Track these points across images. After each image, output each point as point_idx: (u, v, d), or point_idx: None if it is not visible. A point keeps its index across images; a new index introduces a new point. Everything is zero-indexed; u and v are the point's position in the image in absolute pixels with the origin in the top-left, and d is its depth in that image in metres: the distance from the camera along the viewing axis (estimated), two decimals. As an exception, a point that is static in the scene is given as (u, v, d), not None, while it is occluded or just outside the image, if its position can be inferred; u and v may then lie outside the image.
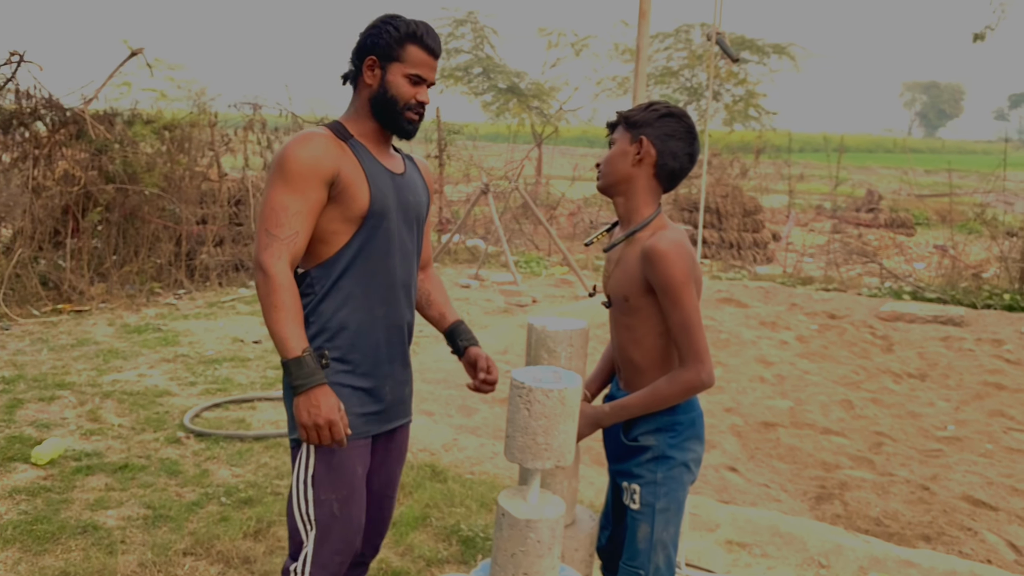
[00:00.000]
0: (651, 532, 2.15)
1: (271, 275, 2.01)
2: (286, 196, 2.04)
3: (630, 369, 2.20)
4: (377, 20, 2.17)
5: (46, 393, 5.26)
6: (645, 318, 2.12)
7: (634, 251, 2.12)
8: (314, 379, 2.01)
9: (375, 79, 2.14)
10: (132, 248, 8.40)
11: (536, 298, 9.14)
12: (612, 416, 2.15)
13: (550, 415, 1.84)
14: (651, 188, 2.16)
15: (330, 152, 2.08)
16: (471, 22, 25.86)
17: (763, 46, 25.81)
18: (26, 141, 7.76)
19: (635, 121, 2.15)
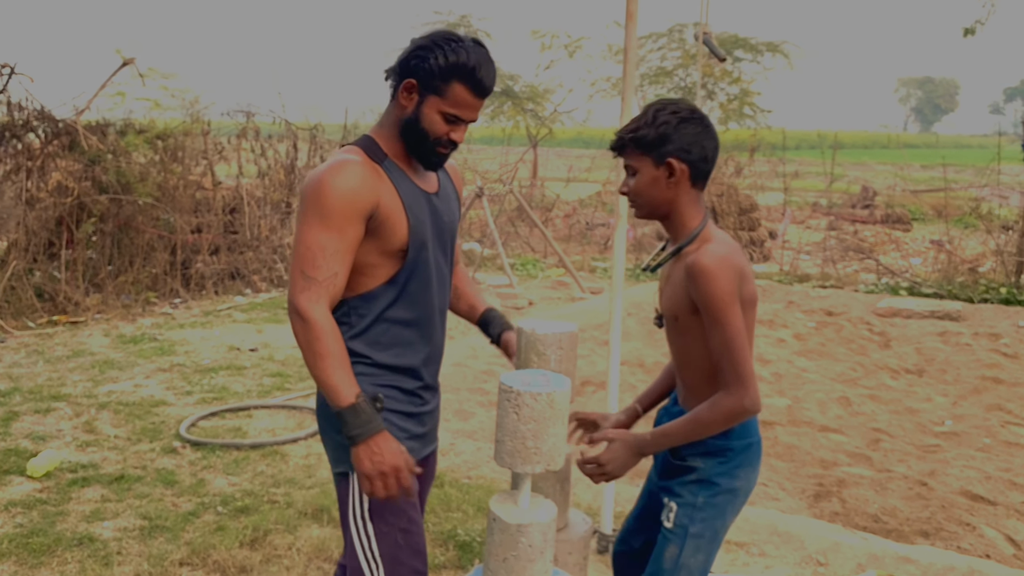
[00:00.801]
0: (679, 555, 2.07)
1: (311, 321, 1.88)
2: (323, 234, 1.89)
3: (684, 387, 2.14)
4: (430, 39, 1.95)
5: (42, 405, 5.25)
6: (695, 338, 2.02)
7: (681, 267, 2.01)
8: (372, 426, 1.89)
9: (410, 104, 1.98)
10: (127, 258, 8.39)
11: (532, 300, 9.13)
12: (653, 444, 2.05)
13: (539, 419, 1.83)
14: (692, 198, 2.04)
15: (367, 183, 1.93)
16: (464, 26, 25.90)
17: (756, 44, 25.83)
18: (19, 153, 7.75)
19: (651, 142, 2.01)
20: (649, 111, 2.03)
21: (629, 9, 3.20)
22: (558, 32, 23.52)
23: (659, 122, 2.00)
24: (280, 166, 10.05)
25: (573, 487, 4.18)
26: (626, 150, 2.06)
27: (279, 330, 7.52)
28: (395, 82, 2.00)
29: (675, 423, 2.03)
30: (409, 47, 1.97)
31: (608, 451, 2.05)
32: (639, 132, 2.02)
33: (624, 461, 2.03)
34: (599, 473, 2.05)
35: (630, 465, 2.04)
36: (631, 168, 2.06)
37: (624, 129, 2.06)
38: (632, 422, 2.39)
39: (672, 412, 2.22)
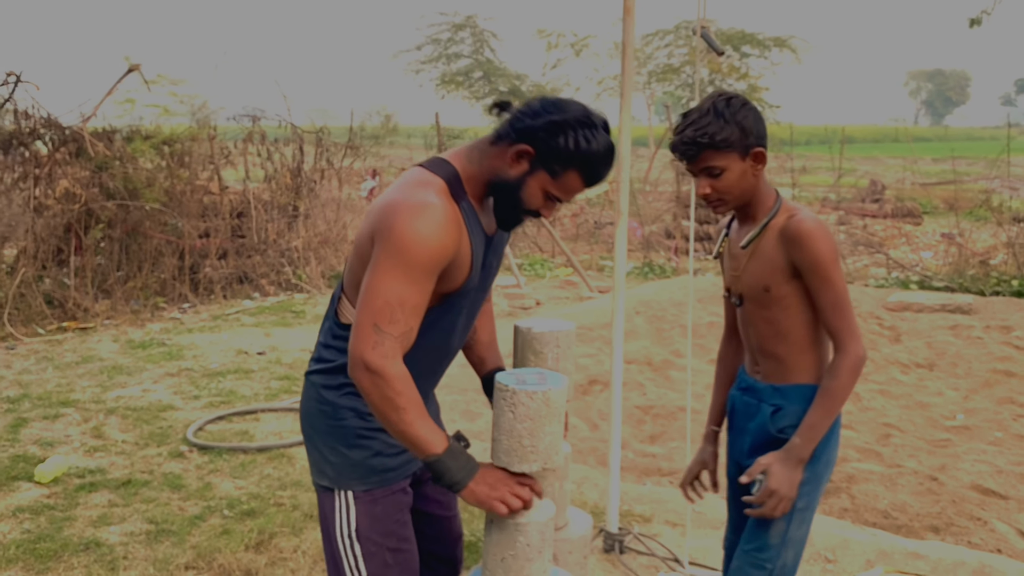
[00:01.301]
0: (786, 529, 2.09)
1: (386, 375, 1.76)
2: (404, 288, 1.77)
3: (773, 362, 2.14)
4: (567, 116, 1.82)
5: (50, 411, 5.27)
6: (789, 306, 2.06)
7: (771, 238, 2.06)
8: (471, 466, 1.83)
9: (516, 169, 1.86)
10: (135, 264, 8.43)
11: (540, 300, 9.12)
12: (805, 444, 2.03)
13: (535, 417, 1.82)
14: (764, 178, 2.11)
15: (451, 235, 1.81)
16: (470, 26, 25.93)
17: (764, 40, 25.80)
18: (26, 161, 7.79)
19: (736, 140, 2.02)
20: (718, 108, 2.01)
21: (627, 4, 3.18)
22: (564, 31, 23.60)
23: (738, 117, 2.01)
24: (286, 169, 10.07)
25: (580, 486, 4.17)
26: (704, 153, 2.03)
27: (287, 333, 7.54)
28: (507, 132, 1.87)
29: (811, 411, 2.03)
30: (540, 110, 1.85)
31: (771, 479, 2.02)
32: (722, 133, 2.00)
33: (790, 478, 2.02)
34: (776, 504, 2.02)
35: (797, 478, 2.03)
36: (715, 169, 2.03)
37: (700, 133, 2.01)
38: (717, 445, 2.44)
39: (750, 388, 2.22)
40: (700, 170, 2.06)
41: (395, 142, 13.15)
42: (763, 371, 2.18)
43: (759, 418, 2.17)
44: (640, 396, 5.92)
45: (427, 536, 2.25)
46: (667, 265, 11.28)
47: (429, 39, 25.48)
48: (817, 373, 2.11)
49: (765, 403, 2.17)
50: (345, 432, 2.01)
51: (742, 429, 2.25)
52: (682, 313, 8.41)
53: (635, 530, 3.63)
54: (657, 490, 4.15)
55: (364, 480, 2.03)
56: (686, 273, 10.78)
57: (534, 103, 1.88)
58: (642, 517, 3.85)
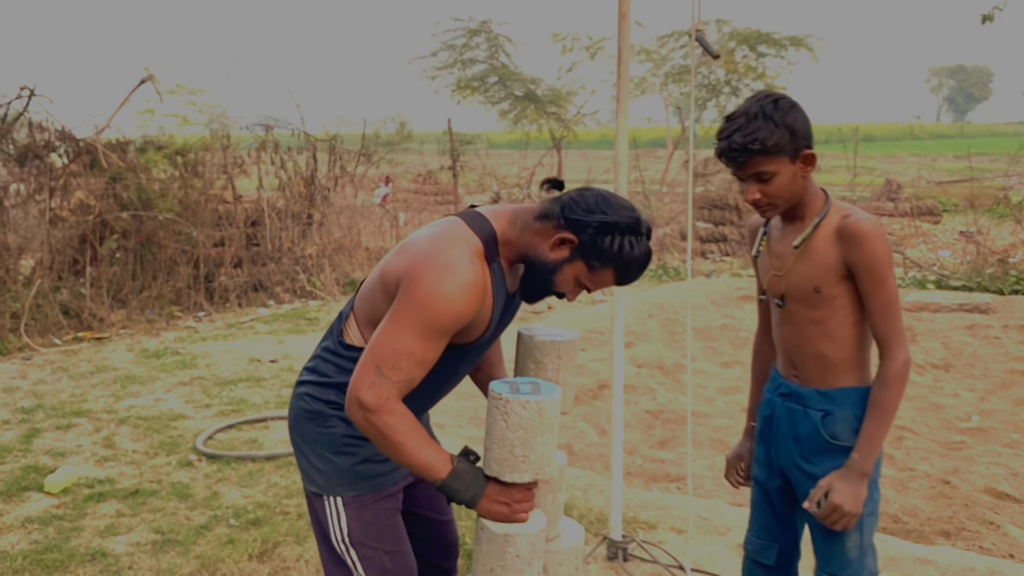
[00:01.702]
0: (861, 538, 2.08)
1: (380, 413, 1.78)
2: (416, 342, 1.79)
3: (817, 365, 2.10)
4: (619, 217, 1.86)
5: (63, 421, 5.32)
6: (838, 307, 2.04)
7: (823, 237, 2.03)
8: (478, 484, 1.85)
9: (556, 254, 1.89)
10: (150, 273, 8.50)
11: (551, 304, 9.10)
12: (865, 458, 2.02)
13: (527, 427, 1.80)
14: (811, 178, 2.08)
15: (476, 299, 1.83)
16: (485, 32, 25.92)
17: (779, 39, 25.60)
18: (41, 173, 7.88)
19: (785, 143, 1.98)
20: (765, 112, 1.97)
21: (621, 9, 3.17)
22: (579, 34, 23.48)
23: (788, 120, 1.97)
24: (300, 178, 10.12)
25: (585, 492, 4.15)
26: (754, 159, 1.99)
27: (300, 341, 7.57)
28: (555, 215, 1.89)
29: (866, 425, 2.02)
30: (593, 206, 1.88)
31: (835, 494, 2.01)
32: (772, 138, 1.96)
33: (855, 493, 2.01)
34: (840, 519, 2.02)
35: (862, 493, 2.01)
36: (764, 174, 2.00)
37: (748, 139, 1.96)
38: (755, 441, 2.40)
39: (792, 393, 2.18)
40: (749, 175, 2.02)
41: (409, 148, 13.19)
42: (802, 375, 2.14)
43: (807, 425, 2.13)
44: (650, 400, 5.88)
45: (419, 539, 2.26)
46: (681, 267, 11.22)
47: (444, 45, 25.49)
48: (862, 375, 2.09)
49: (812, 409, 2.13)
50: (332, 439, 2.03)
51: (788, 436, 2.19)
52: (695, 315, 8.37)
53: (639, 537, 3.60)
54: (663, 496, 4.12)
55: (353, 486, 2.05)
56: (700, 275, 10.71)
57: (588, 196, 1.91)
58: (647, 524, 3.82)
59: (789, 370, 2.19)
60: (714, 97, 26.47)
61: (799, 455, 2.17)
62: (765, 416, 2.29)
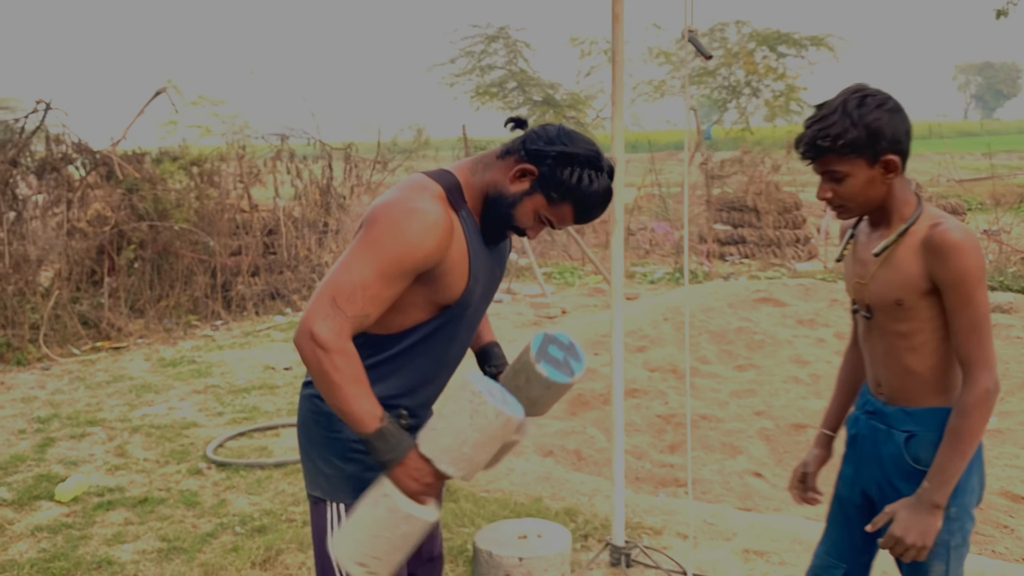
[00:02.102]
0: (947, 570, 1.96)
1: (330, 349, 1.75)
2: (371, 274, 1.77)
3: (903, 379, 1.99)
4: (580, 149, 1.87)
5: (77, 431, 5.38)
6: (925, 320, 1.90)
7: (908, 247, 1.90)
8: (403, 446, 1.79)
9: (517, 186, 1.90)
10: (168, 283, 8.58)
11: (566, 309, 9.07)
12: (936, 489, 1.88)
13: (489, 434, 1.77)
14: (903, 183, 1.94)
15: (442, 241, 1.82)
16: (503, 38, 25.98)
17: (800, 39, 25.41)
18: (59, 185, 7.99)
19: (862, 145, 1.86)
20: (849, 107, 1.86)
21: (615, 11, 3.15)
22: (597, 38, 23.45)
23: (868, 119, 1.84)
24: (316, 186, 10.18)
25: (591, 498, 4.13)
26: (826, 156, 1.90)
27: (314, 348, 7.59)
28: (516, 149, 1.91)
29: (941, 452, 1.88)
30: (555, 137, 1.88)
31: (896, 525, 1.91)
32: (847, 136, 1.85)
33: (921, 525, 1.88)
34: (906, 552, 1.91)
35: (933, 525, 1.88)
36: (837, 173, 1.90)
37: (822, 134, 1.88)
38: (828, 450, 2.33)
39: (877, 411, 2.07)
40: (821, 172, 1.93)
41: (426, 155, 13.23)
42: (888, 392, 2.03)
43: (891, 447, 2.02)
44: (662, 405, 5.84)
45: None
46: (699, 270, 11.15)
47: (462, 52, 25.55)
48: (951, 395, 1.96)
49: (896, 429, 2.01)
50: (340, 444, 2.01)
51: (872, 457, 2.09)
52: (710, 319, 8.31)
53: (643, 543, 3.57)
54: (670, 502, 4.08)
55: (356, 493, 2.02)
56: (718, 278, 10.64)
57: (551, 129, 1.91)
58: (652, 529, 3.79)
59: (876, 386, 2.08)
60: (734, 98, 26.31)
61: (883, 477, 2.06)
62: (851, 435, 2.17)
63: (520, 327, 8.40)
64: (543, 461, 4.79)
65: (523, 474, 4.43)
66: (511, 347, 7.04)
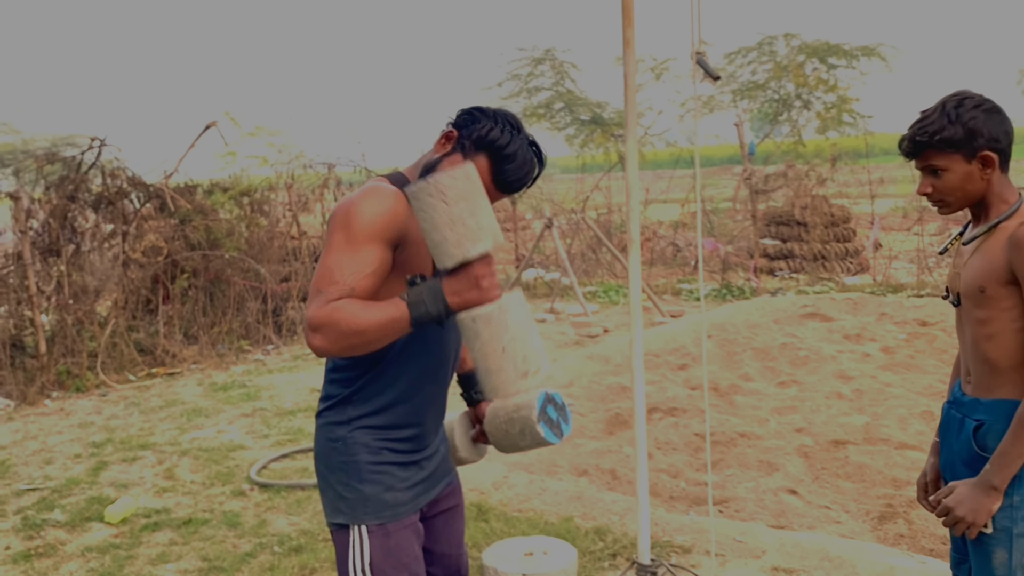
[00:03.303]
0: (1009, 558, 2.00)
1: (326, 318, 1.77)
2: (341, 255, 1.84)
3: (984, 369, 2.06)
4: (496, 112, 2.01)
5: (129, 454, 5.58)
6: (1003, 309, 1.99)
7: (999, 239, 2.00)
8: (436, 293, 1.76)
9: (441, 150, 2.01)
10: (220, 310, 8.85)
11: (608, 328, 9.08)
12: (996, 471, 1.96)
13: (468, 196, 1.70)
14: (1004, 180, 2.04)
15: (398, 209, 1.89)
16: (550, 59, 26.19)
17: (850, 50, 25.07)
18: (115, 218, 8.32)
19: (961, 139, 1.99)
20: (947, 107, 2.00)
21: (625, 36, 3.21)
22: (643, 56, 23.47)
23: (965, 118, 1.98)
24: (362, 212, 10.39)
25: (622, 517, 4.14)
26: (926, 151, 2.03)
27: (359, 371, 7.74)
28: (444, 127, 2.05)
29: (1007, 437, 1.95)
30: (477, 108, 2.03)
31: (953, 497, 2.01)
32: (944, 132, 1.99)
33: (976, 503, 1.97)
34: (956, 524, 1.99)
35: (985, 504, 1.96)
36: (935, 168, 2.03)
37: (921, 131, 2.03)
38: (937, 455, 2.31)
39: (960, 402, 2.14)
40: (922, 168, 2.05)
41: (472, 178, 13.45)
42: (973, 380, 2.10)
43: (963, 434, 2.09)
44: (701, 423, 5.82)
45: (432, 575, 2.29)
46: (746, 285, 11.05)
47: (510, 75, 25.80)
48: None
49: (968, 418, 2.09)
50: (358, 467, 2.06)
51: (948, 445, 2.17)
52: (755, 335, 8.24)
53: (670, 561, 3.57)
54: (699, 520, 4.07)
55: (378, 515, 2.07)
56: (766, 293, 10.53)
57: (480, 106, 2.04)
58: (681, 548, 3.79)
59: (965, 375, 2.15)
60: (785, 111, 26.01)
61: (951, 465, 2.15)
62: (941, 423, 2.25)
63: (562, 346, 8.44)
64: (577, 481, 4.82)
65: (555, 493, 4.47)
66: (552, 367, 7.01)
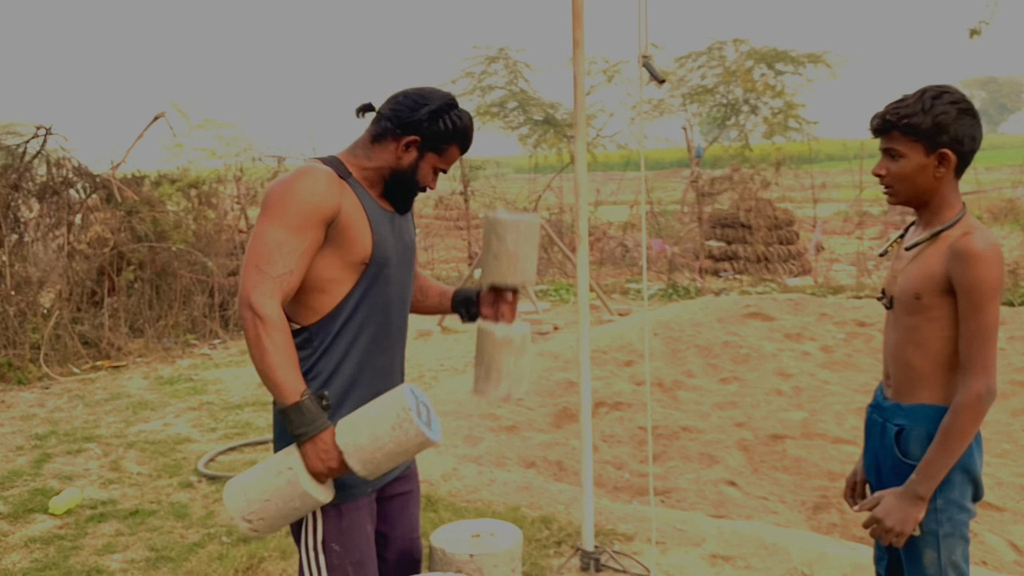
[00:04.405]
0: (938, 557, 2.05)
1: (262, 316, 1.90)
2: (280, 232, 1.94)
3: (905, 373, 2.09)
4: (436, 103, 2.10)
5: (74, 446, 5.52)
6: (934, 319, 2.01)
7: (939, 249, 2.01)
8: (318, 424, 1.93)
9: (407, 157, 2.11)
10: (166, 303, 8.75)
11: (558, 325, 9.21)
12: (922, 482, 1.99)
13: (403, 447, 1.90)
14: (954, 187, 2.04)
15: (332, 190, 2.00)
16: (503, 58, 26.29)
17: (797, 56, 25.63)
18: (60, 208, 8.19)
19: (926, 130, 1.98)
20: (925, 96, 2.00)
21: (575, 38, 3.31)
22: (595, 58, 23.69)
23: (938, 110, 1.97)
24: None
25: (568, 506, 4.24)
26: (892, 133, 2.03)
27: (308, 365, 7.73)
28: (389, 129, 2.10)
29: (931, 448, 1.98)
30: (413, 105, 2.09)
31: (880, 508, 2.03)
32: (914, 118, 1.98)
33: (902, 513, 1.99)
34: (885, 535, 2.02)
35: (912, 514, 1.99)
36: (895, 152, 2.03)
37: (893, 111, 2.02)
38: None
39: (880, 407, 2.19)
40: (883, 149, 2.06)
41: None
42: (894, 385, 2.14)
43: (885, 439, 2.13)
44: (645, 417, 5.95)
45: (385, 559, 2.34)
46: (691, 286, 11.28)
47: (463, 73, 25.84)
48: (946, 394, 2.04)
49: (889, 423, 2.13)
50: None
51: (872, 448, 2.23)
52: (699, 334, 8.44)
53: (613, 548, 3.69)
54: (642, 509, 4.20)
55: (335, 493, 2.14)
56: (710, 293, 10.76)
57: (400, 98, 2.13)
58: (624, 536, 3.91)
59: (886, 379, 2.19)
60: (733, 116, 26.48)
61: (875, 469, 2.20)
62: (866, 425, 2.30)
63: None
64: (525, 472, 4.91)
65: (503, 484, 4.55)
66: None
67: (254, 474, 1.99)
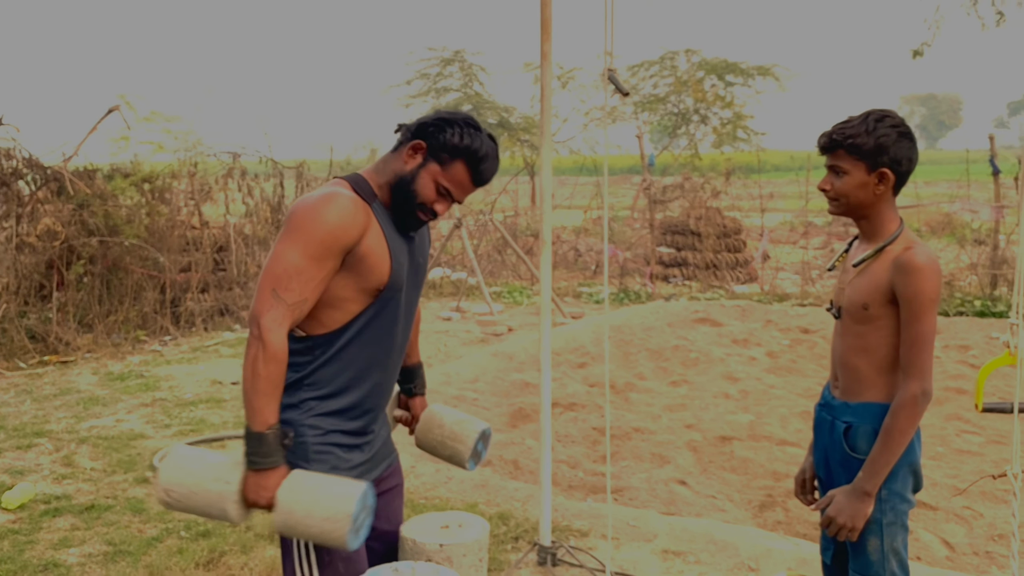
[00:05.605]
0: (881, 544, 2.21)
1: (266, 343, 1.94)
2: (302, 260, 1.95)
3: (852, 376, 2.25)
4: (455, 117, 2.11)
5: (24, 441, 5.45)
6: (880, 327, 2.18)
7: (883, 262, 2.18)
8: (271, 460, 1.98)
9: (411, 163, 2.09)
10: (117, 298, 8.64)
11: (512, 327, 9.32)
12: (868, 479, 2.15)
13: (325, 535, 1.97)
14: (891, 203, 2.22)
15: (357, 219, 2.00)
16: (459, 61, 26.38)
17: (747, 69, 26.19)
18: (9, 200, 8.04)
19: (869, 150, 2.16)
20: (869, 119, 2.17)
21: (543, 50, 3.42)
22: (551, 63, 23.92)
23: (879, 133, 2.15)
24: (267, 204, 10.31)
25: (524, 503, 4.35)
26: (838, 151, 2.20)
27: (262, 363, 7.71)
28: (405, 138, 2.13)
29: (874, 448, 2.15)
30: (432, 114, 2.12)
31: (832, 507, 2.19)
32: (858, 139, 2.15)
33: (852, 509, 2.15)
34: (838, 531, 2.18)
35: (861, 509, 2.15)
36: (839, 169, 2.20)
37: (839, 131, 2.19)
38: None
39: (830, 405, 2.34)
40: (828, 165, 2.23)
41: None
42: (841, 386, 2.30)
43: (834, 435, 2.29)
44: (599, 418, 6.10)
45: (373, 551, 2.40)
46: (642, 291, 11.49)
47: (418, 74, 25.89)
48: (890, 393, 2.20)
49: (838, 420, 2.29)
50: (305, 448, 2.13)
51: (819, 445, 2.39)
52: (650, 337, 8.62)
53: (569, 543, 3.80)
54: (596, 506, 4.32)
55: None
56: (660, 299, 10.99)
57: (432, 113, 2.16)
58: (580, 532, 4.02)
59: (833, 381, 2.36)
60: (684, 125, 26.94)
61: (825, 464, 2.37)
62: (814, 423, 2.45)
63: (467, 344, 8.62)
64: (482, 470, 5.00)
65: (461, 482, 4.64)
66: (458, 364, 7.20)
67: (202, 463, 2.03)
